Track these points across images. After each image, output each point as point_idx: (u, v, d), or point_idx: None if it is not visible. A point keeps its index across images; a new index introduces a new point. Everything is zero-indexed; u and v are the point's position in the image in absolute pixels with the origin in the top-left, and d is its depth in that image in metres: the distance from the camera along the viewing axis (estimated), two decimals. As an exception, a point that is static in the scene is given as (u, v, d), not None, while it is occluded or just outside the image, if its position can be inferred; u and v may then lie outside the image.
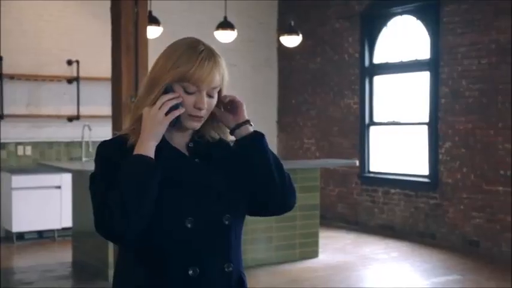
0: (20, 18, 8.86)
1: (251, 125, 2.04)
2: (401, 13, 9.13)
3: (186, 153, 1.98)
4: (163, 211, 1.85)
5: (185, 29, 7.36)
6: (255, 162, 1.98)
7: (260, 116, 10.54)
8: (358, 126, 9.70)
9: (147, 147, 1.85)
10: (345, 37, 9.94)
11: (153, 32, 7.32)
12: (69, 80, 9.16)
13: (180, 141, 1.99)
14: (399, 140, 9.34)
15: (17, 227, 8.42)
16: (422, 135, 8.85)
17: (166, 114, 1.87)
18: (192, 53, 1.89)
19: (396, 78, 9.33)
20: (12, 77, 8.75)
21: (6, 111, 8.71)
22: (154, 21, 7.59)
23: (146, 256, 1.89)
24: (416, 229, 8.83)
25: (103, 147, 1.95)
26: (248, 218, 2.06)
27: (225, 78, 1.98)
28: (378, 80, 9.58)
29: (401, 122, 9.24)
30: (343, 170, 9.91)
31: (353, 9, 9.76)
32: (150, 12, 7.45)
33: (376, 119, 9.58)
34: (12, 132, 8.85)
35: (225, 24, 7.95)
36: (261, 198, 1.99)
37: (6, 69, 8.70)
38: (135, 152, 1.85)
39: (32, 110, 8.99)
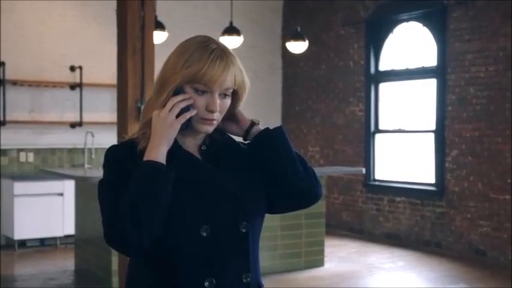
0: (22, 23, 8.79)
1: (258, 123, 1.97)
2: (407, 19, 9.05)
3: (199, 157, 1.88)
4: (177, 219, 1.75)
5: (190, 34, 7.26)
6: (276, 155, 1.90)
7: (264, 123, 10.32)
8: (364, 134, 9.62)
9: (158, 153, 1.75)
10: (350, 44, 9.87)
11: (158, 37, 7.24)
12: (72, 86, 9.09)
13: (193, 144, 1.89)
14: (405, 148, 9.25)
15: (19, 234, 8.33)
16: (428, 143, 8.77)
17: (177, 116, 1.77)
18: (203, 52, 1.79)
19: (402, 85, 9.25)
20: (14, 83, 8.68)
21: (8, 117, 8.64)
22: (160, 26, 7.51)
23: (159, 267, 1.80)
24: (422, 238, 8.73)
25: (112, 152, 1.85)
26: None
27: (245, 80, 1.89)
28: (383, 87, 9.50)
29: (408, 129, 9.16)
30: (348, 178, 9.82)
31: (358, 15, 9.69)
32: (156, 17, 7.38)
33: (381, 127, 9.50)
34: (14, 139, 8.77)
35: (231, 30, 7.87)
36: (287, 190, 1.89)
37: (8, 75, 8.63)
38: (145, 158, 1.75)
39: (35, 116, 8.92)
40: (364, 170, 8.50)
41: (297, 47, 8.51)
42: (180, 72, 1.78)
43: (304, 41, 8.42)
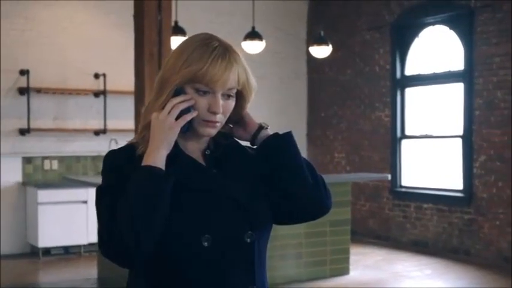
0: (46, 32, 8.81)
1: (267, 127, 1.86)
2: (433, 23, 8.91)
3: (203, 163, 1.77)
4: (176, 228, 1.65)
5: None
6: (283, 162, 1.78)
7: (289, 129, 10.23)
8: (390, 140, 9.48)
9: (157, 157, 1.66)
10: (375, 48, 9.74)
11: (179, 42, 7.19)
12: (96, 94, 9.08)
13: (196, 149, 1.78)
14: (432, 154, 9.09)
15: (43, 242, 8.32)
16: (456, 148, 8.60)
17: (177, 119, 1.68)
18: (205, 50, 1.69)
19: (429, 90, 9.10)
20: (38, 91, 8.69)
21: (32, 125, 8.64)
22: (180, 31, 7.46)
23: (158, 278, 1.70)
24: (450, 245, 8.56)
25: (110, 157, 1.75)
26: (277, 233, 1.87)
27: (250, 80, 1.77)
28: (409, 92, 9.36)
29: (434, 135, 9.00)
30: (374, 185, 9.68)
31: (384, 19, 9.57)
32: (176, 22, 7.35)
33: (408, 132, 9.35)
34: (38, 147, 8.78)
35: (253, 35, 7.80)
36: (294, 201, 1.78)
37: (32, 83, 8.63)
38: (143, 163, 1.66)
39: (59, 123, 8.92)
40: (389, 177, 8.35)
41: (321, 51, 8.40)
42: (180, 71, 1.69)
43: (328, 45, 8.31)
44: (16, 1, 8.55)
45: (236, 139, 1.87)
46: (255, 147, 1.86)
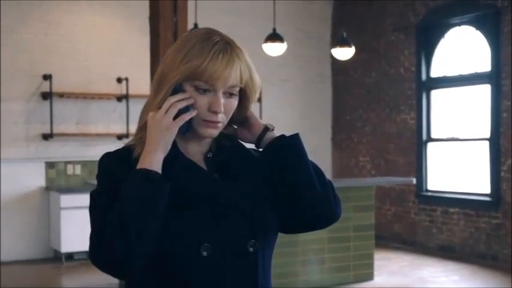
0: (69, 36, 8.81)
1: (273, 129, 1.73)
2: (459, 24, 8.75)
3: (204, 166, 1.66)
4: (174, 237, 1.54)
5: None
6: (289, 165, 1.66)
7: (314, 132, 10.29)
8: (415, 143, 9.32)
9: (153, 160, 1.55)
10: (400, 50, 9.60)
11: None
12: (119, 98, 9.06)
13: (197, 151, 1.67)
14: (458, 157, 8.93)
15: (66, 247, 8.30)
16: (483, 151, 8.43)
17: (175, 118, 1.57)
18: (205, 45, 1.58)
19: (455, 92, 8.93)
20: (61, 95, 8.69)
21: (55, 130, 8.64)
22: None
23: None
24: (477, 250, 8.38)
25: (105, 160, 1.65)
26: (299, 239, 1.76)
27: (254, 78, 1.64)
28: (435, 94, 9.20)
29: (461, 137, 8.83)
30: (399, 189, 9.53)
31: (409, 20, 9.43)
32: (196, 24, 7.27)
33: (434, 135, 9.19)
34: (61, 151, 8.78)
35: (274, 37, 7.70)
36: (301, 209, 1.65)
37: (55, 87, 8.63)
38: (138, 166, 1.55)
39: (82, 128, 8.91)
40: (414, 180, 8.21)
41: (344, 53, 8.28)
42: (178, 67, 1.58)
43: (350, 47, 8.19)
44: (38, 5, 8.57)
45: (240, 141, 1.76)
46: (260, 150, 1.74)
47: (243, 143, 1.76)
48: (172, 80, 1.60)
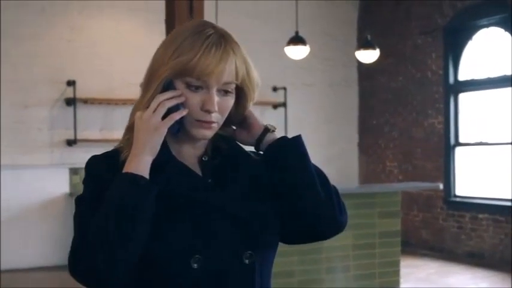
0: (93, 42, 8.79)
1: (274, 130, 1.59)
2: (487, 25, 8.57)
3: (198, 171, 1.54)
4: (162, 248, 1.43)
5: (254, 46, 7.07)
6: (290, 166, 1.53)
7: (340, 137, 10.17)
8: (443, 147, 9.14)
9: (140, 163, 1.44)
10: (427, 53, 9.43)
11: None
12: (142, 104, 9.01)
13: (192, 154, 1.55)
14: (487, 162, 8.73)
15: (89, 253, 8.26)
16: (512, 155, 8.25)
17: (164, 118, 1.46)
18: (197, 38, 1.46)
19: (483, 95, 8.76)
20: (85, 101, 8.67)
21: (79, 136, 8.63)
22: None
23: None
24: (507, 257, 8.16)
25: (91, 164, 1.56)
26: (322, 246, 1.62)
27: (251, 74, 1.52)
28: (463, 97, 9.03)
29: (490, 142, 8.64)
30: (427, 194, 9.35)
31: (436, 23, 9.26)
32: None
33: (462, 140, 9.01)
34: (85, 157, 8.40)
35: (296, 39, 7.59)
36: (303, 218, 1.52)
37: (79, 94, 8.61)
38: (124, 169, 1.44)
39: (105, 134, 8.87)
40: (441, 186, 8.02)
41: (368, 56, 8.13)
42: (168, 63, 1.47)
43: (375, 49, 8.03)
44: (62, 12, 8.57)
45: (239, 143, 1.63)
46: (260, 152, 1.61)
47: (241, 145, 1.63)
48: (162, 76, 1.48)
